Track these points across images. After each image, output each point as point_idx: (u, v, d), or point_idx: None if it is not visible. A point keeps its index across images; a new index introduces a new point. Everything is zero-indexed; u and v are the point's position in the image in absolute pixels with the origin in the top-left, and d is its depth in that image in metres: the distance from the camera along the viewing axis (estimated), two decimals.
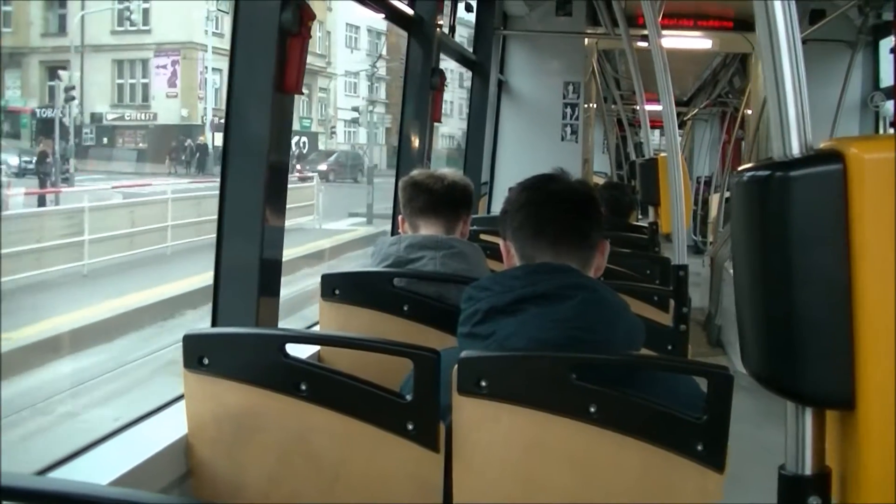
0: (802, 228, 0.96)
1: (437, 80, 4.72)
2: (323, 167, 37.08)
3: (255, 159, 2.61)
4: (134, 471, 2.02)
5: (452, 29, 5.86)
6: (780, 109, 1.01)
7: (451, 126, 40.15)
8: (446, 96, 4.95)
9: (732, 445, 1.88)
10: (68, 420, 8.38)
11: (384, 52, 48.76)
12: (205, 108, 38.61)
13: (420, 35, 4.67)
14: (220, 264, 2.64)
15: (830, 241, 0.95)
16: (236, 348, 2.13)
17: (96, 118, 39.02)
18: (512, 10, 7.29)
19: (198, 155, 36.59)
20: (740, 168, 1.06)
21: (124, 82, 39.59)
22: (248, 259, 2.61)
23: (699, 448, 1.85)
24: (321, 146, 41.45)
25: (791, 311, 0.97)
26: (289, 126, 2.74)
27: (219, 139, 37.23)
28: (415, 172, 3.03)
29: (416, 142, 4.65)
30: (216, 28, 38.24)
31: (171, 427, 2.20)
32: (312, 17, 2.64)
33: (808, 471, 1.01)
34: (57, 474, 2.01)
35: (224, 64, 38.33)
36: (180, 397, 2.23)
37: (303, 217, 22.10)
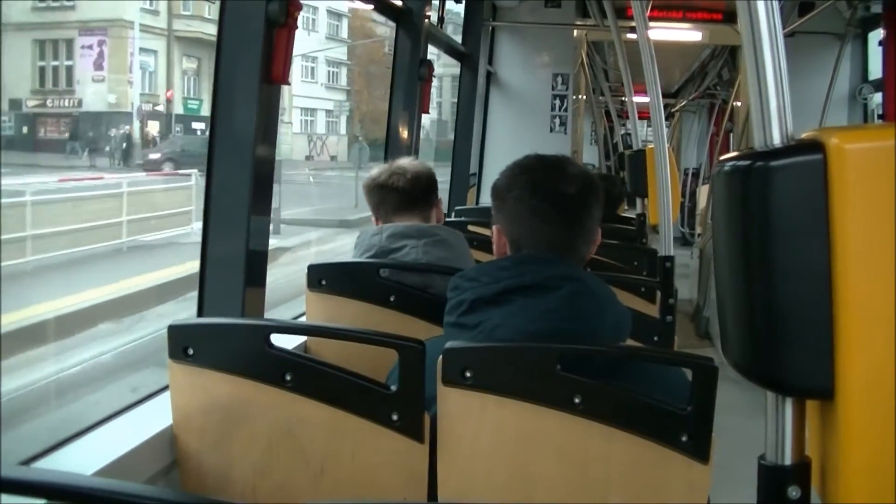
0: (783, 218, 0.96)
1: (425, 72, 4.72)
2: (156, 156, 30.26)
3: (241, 150, 2.61)
4: (119, 461, 2.02)
5: (441, 20, 5.85)
6: (762, 99, 1.01)
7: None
8: None
9: (720, 438, 1.88)
10: None
11: (345, 35, 46.55)
12: (135, 94, 34.42)
13: (409, 26, 4.67)
14: (206, 255, 2.64)
15: (811, 231, 0.95)
16: (221, 339, 2.12)
17: (15, 105, 34.20)
18: (501, 2, 7.28)
19: (124, 146, 32.16)
20: (721, 158, 1.06)
21: (46, 65, 34.67)
22: (235, 250, 2.61)
23: (684, 439, 1.85)
24: None
25: (772, 301, 0.97)
26: (275, 117, 2.73)
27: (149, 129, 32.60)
28: (374, 173, 3.03)
29: (404, 133, 4.65)
30: (148, 4, 34.87)
31: (155, 418, 2.20)
32: (299, 7, 2.63)
33: (787, 461, 1.02)
34: (41, 465, 2.00)
35: (159, 44, 35.13)
36: (165, 388, 2.22)
37: (175, 228, 16.38)
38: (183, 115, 36.80)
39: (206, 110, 34.06)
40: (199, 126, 35.48)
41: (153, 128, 34.86)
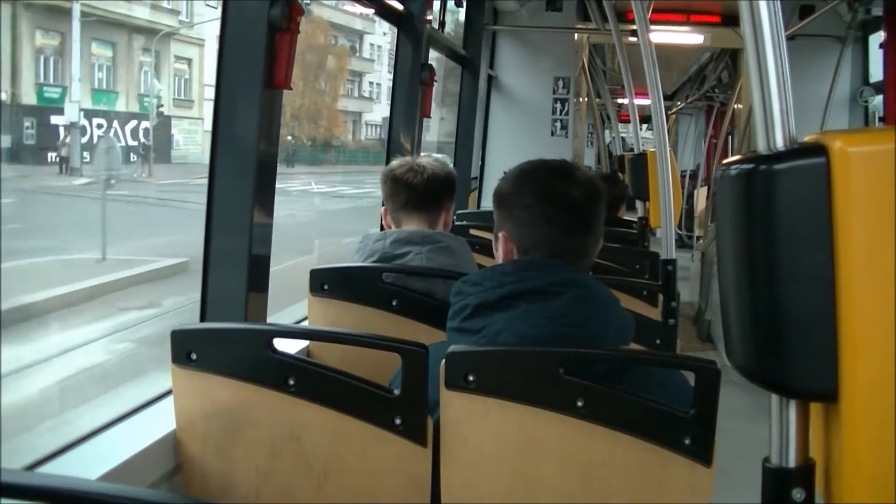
0: (787, 222, 0.96)
1: (426, 76, 4.72)
2: None
3: (243, 155, 2.60)
4: (123, 466, 2.02)
5: (442, 24, 5.86)
6: (765, 102, 1.01)
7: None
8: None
9: (723, 441, 1.88)
10: None
11: None
12: None
13: (410, 30, 4.66)
14: (209, 259, 2.64)
15: (815, 234, 0.95)
16: (224, 343, 2.12)
17: None
18: (502, 5, 7.28)
19: None
20: (725, 161, 1.06)
21: None
22: (237, 254, 2.61)
23: (687, 442, 1.85)
24: (174, 133, 27.15)
25: (775, 304, 0.97)
26: (277, 121, 2.73)
27: None
28: (394, 164, 3.00)
29: (406, 138, 4.65)
30: None
31: (159, 422, 2.20)
32: (301, 12, 2.63)
33: (792, 463, 1.02)
34: (46, 469, 2.00)
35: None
36: (168, 392, 2.23)
37: None
38: (36, 107, 29.59)
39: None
40: (59, 121, 28.90)
41: None
